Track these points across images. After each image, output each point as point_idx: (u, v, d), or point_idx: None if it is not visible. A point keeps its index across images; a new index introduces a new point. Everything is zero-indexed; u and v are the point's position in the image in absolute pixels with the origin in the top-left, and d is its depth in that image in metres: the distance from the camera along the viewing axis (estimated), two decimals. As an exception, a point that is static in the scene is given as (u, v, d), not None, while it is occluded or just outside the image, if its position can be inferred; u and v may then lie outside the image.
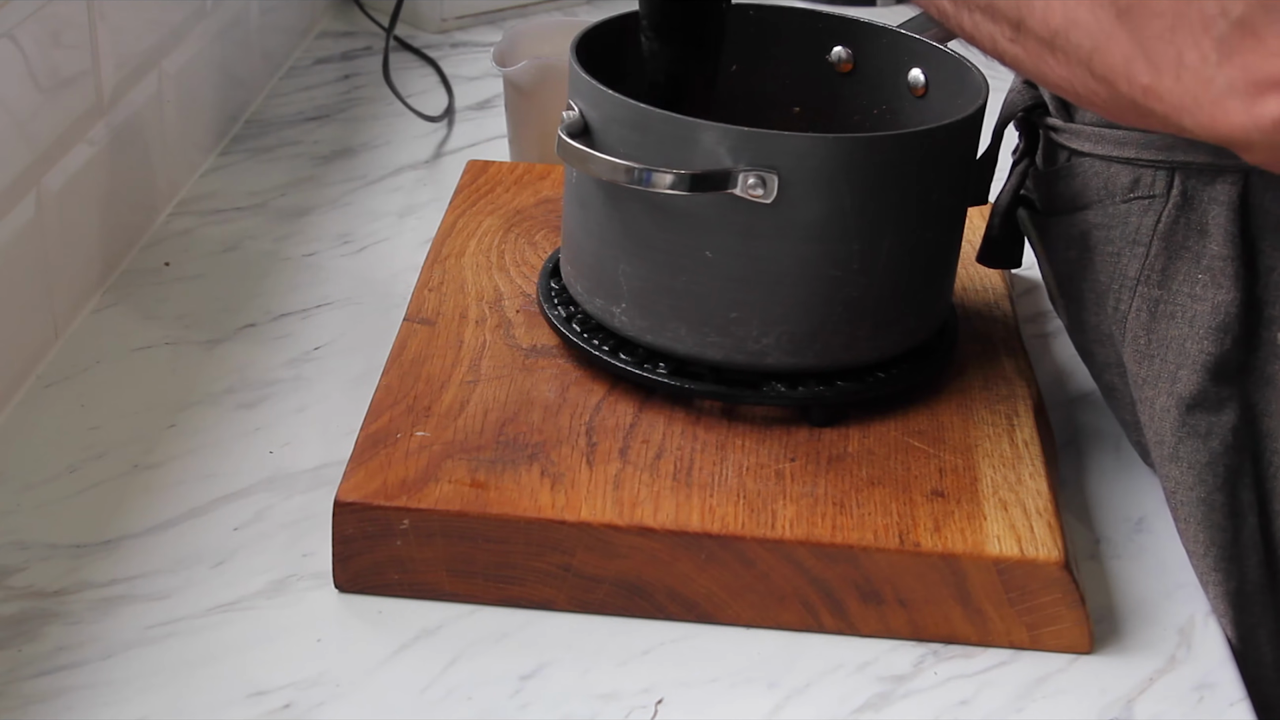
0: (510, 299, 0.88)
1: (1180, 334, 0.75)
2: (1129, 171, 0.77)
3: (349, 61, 1.39)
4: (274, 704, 0.68)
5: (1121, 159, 0.77)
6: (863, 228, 0.76)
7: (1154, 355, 0.77)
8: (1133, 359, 0.78)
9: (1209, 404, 0.75)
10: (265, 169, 1.16)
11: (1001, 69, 0.68)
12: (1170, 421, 0.76)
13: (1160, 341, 0.76)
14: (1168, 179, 0.75)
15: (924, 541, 0.72)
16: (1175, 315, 0.76)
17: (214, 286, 1.00)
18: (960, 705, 0.70)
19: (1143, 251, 0.76)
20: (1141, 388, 0.78)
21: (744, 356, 0.78)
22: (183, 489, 0.81)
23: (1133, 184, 0.77)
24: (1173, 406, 0.76)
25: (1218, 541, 0.76)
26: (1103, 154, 0.78)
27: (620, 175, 0.75)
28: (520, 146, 1.12)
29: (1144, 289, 0.77)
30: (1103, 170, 0.78)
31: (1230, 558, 0.76)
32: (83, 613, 0.72)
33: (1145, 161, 0.76)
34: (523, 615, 0.74)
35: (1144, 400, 0.78)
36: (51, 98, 0.90)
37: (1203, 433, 0.75)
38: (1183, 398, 0.75)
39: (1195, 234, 0.75)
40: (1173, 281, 0.76)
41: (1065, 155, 0.80)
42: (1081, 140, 0.79)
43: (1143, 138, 0.76)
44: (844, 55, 0.90)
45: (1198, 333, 0.75)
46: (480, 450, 0.76)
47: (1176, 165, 0.75)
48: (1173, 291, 0.76)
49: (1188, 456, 0.76)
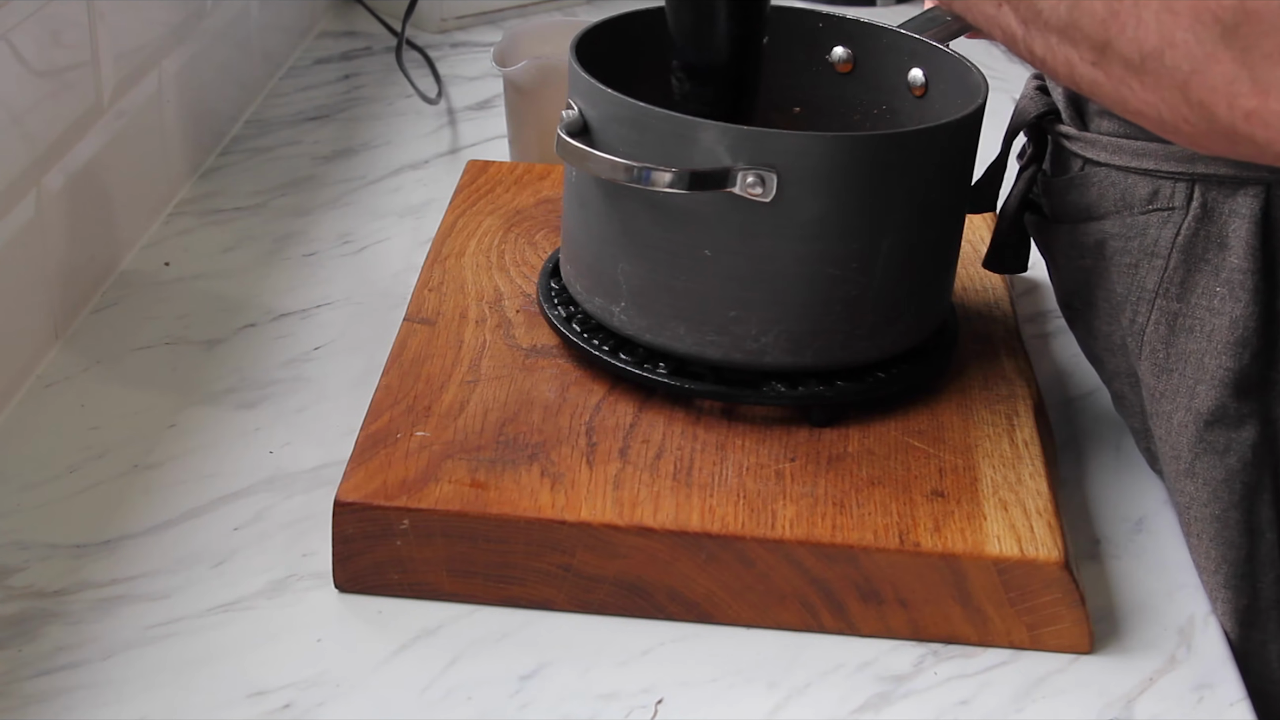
0: (510, 299, 0.88)
1: (1199, 348, 0.75)
2: (1148, 183, 0.76)
3: (349, 61, 1.39)
4: (274, 704, 0.68)
5: (1140, 170, 0.76)
6: (862, 227, 0.76)
7: (1172, 369, 0.76)
8: (1150, 372, 0.77)
9: (1228, 420, 0.74)
10: (265, 169, 1.16)
11: (1002, 71, 0.68)
12: (1188, 437, 0.76)
13: (1179, 355, 0.76)
14: (1187, 191, 0.75)
15: (924, 541, 0.72)
16: (1194, 329, 0.75)
17: (214, 286, 1.00)
18: (960, 705, 0.70)
19: (1161, 264, 0.76)
20: (1159, 401, 0.77)
21: (743, 355, 0.78)
22: (183, 489, 0.81)
23: (1151, 195, 0.76)
24: (1190, 422, 0.75)
25: (1230, 559, 0.75)
26: (1120, 164, 0.77)
27: (619, 174, 0.75)
28: (520, 146, 1.12)
29: (1162, 302, 0.76)
30: (1119, 180, 0.77)
31: (1243, 575, 0.75)
32: (83, 613, 0.72)
33: (1165, 173, 0.75)
34: (523, 615, 0.74)
35: (1160, 414, 0.77)
36: (51, 98, 0.90)
37: (1220, 449, 0.75)
38: (1201, 413, 0.75)
39: (1215, 246, 0.74)
40: (1191, 294, 0.75)
41: (1079, 164, 0.80)
42: (1097, 150, 0.78)
43: (1162, 149, 0.75)
44: (844, 55, 0.90)
45: (1216, 347, 0.74)
46: (480, 450, 0.76)
47: (1197, 177, 0.74)
48: (1191, 305, 0.75)
49: (1204, 472, 0.75)
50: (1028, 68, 1.40)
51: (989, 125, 0.82)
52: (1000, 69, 1.38)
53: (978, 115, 0.79)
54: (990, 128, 0.83)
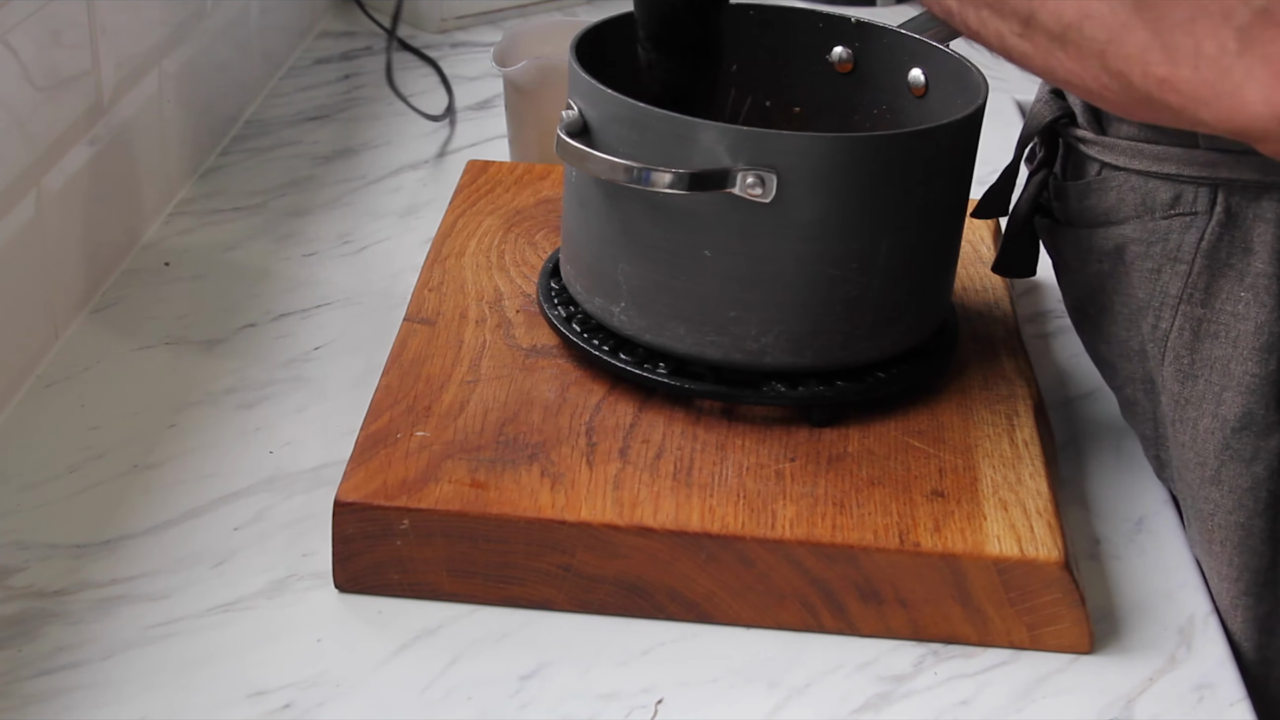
0: (510, 299, 0.88)
1: (1224, 354, 0.75)
2: (1170, 187, 0.76)
3: (349, 61, 1.39)
4: (274, 704, 0.68)
5: (1161, 175, 0.76)
6: (861, 227, 0.76)
7: (1198, 375, 0.76)
8: (1174, 378, 0.77)
9: (1255, 427, 0.74)
10: (265, 169, 1.16)
11: (1002, 71, 0.68)
12: (1214, 444, 0.75)
13: (1204, 361, 0.75)
14: (1210, 196, 0.74)
15: (924, 541, 0.72)
16: (1219, 335, 0.75)
17: (214, 286, 1.00)
18: (960, 705, 0.70)
19: (1185, 269, 0.75)
20: (1183, 408, 0.77)
21: (742, 356, 0.78)
22: (183, 489, 0.81)
23: (1174, 200, 0.75)
24: (1217, 429, 0.75)
25: (1252, 566, 0.75)
26: (1140, 169, 0.77)
27: (619, 174, 0.75)
28: (520, 146, 1.12)
29: (1186, 307, 0.76)
30: (1140, 185, 0.77)
31: (1264, 582, 0.75)
32: (83, 613, 0.72)
33: (1187, 178, 0.75)
34: (523, 615, 0.74)
35: (1185, 420, 0.77)
36: (51, 98, 0.90)
37: (1247, 457, 0.74)
38: (1228, 419, 0.75)
39: (1240, 251, 0.74)
40: (1216, 300, 0.75)
41: (1096, 168, 0.79)
42: (1116, 154, 0.78)
43: (1184, 154, 0.75)
44: (844, 55, 0.90)
45: (1242, 353, 0.74)
46: (480, 450, 0.76)
47: (1220, 182, 0.74)
48: (1216, 310, 0.75)
49: (1229, 480, 0.75)
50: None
51: (989, 126, 0.82)
52: (1000, 69, 1.38)
53: (977, 116, 0.79)
54: (990, 128, 0.83)
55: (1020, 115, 1.29)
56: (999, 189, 0.86)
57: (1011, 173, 0.86)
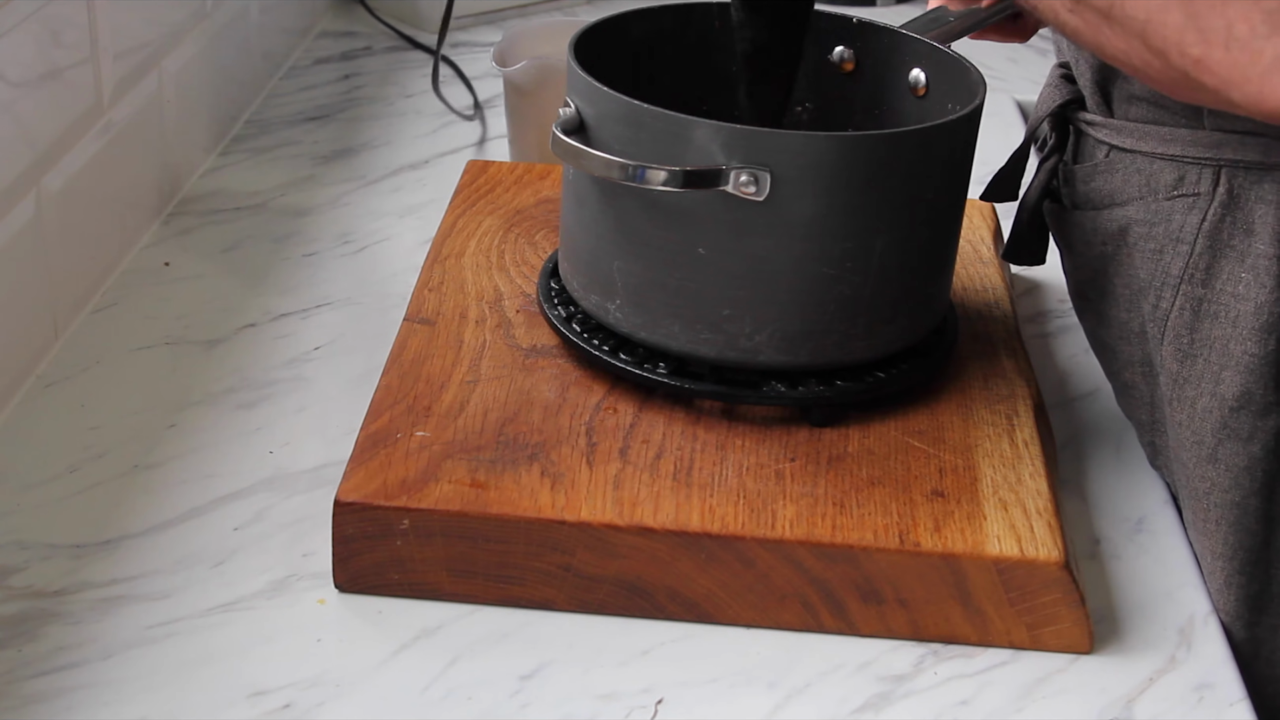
0: (510, 299, 0.88)
1: (1224, 334, 0.75)
2: (1174, 168, 0.76)
3: (349, 61, 1.39)
4: (274, 704, 0.68)
5: (1166, 156, 0.76)
6: (855, 226, 0.76)
7: (1196, 355, 0.76)
8: (1172, 357, 0.77)
9: (1254, 406, 0.74)
10: (265, 169, 1.16)
11: (1002, 71, 0.69)
12: (1212, 423, 0.76)
13: (1203, 341, 0.76)
14: (1214, 177, 0.75)
15: (924, 541, 0.72)
16: (1219, 315, 0.75)
17: (214, 286, 1.00)
18: (960, 705, 0.70)
19: (1186, 249, 0.76)
20: (1181, 387, 0.77)
21: (737, 354, 0.78)
22: (183, 489, 0.81)
23: (1177, 181, 0.76)
24: (1215, 407, 0.75)
25: (1246, 545, 0.75)
26: (1146, 150, 0.77)
27: (614, 172, 0.75)
28: (520, 146, 1.12)
29: (1187, 287, 0.76)
30: (1145, 166, 0.78)
31: (1256, 561, 0.75)
32: (83, 613, 0.72)
33: (1191, 159, 0.75)
34: (523, 615, 0.74)
35: (1184, 399, 0.77)
36: (51, 98, 0.90)
37: (1245, 435, 0.75)
38: (1226, 399, 0.75)
39: (1241, 232, 0.74)
40: (1217, 280, 0.75)
41: (1104, 151, 0.80)
42: (1123, 136, 0.78)
43: (1189, 135, 0.75)
44: (845, 55, 0.90)
45: (1241, 333, 0.74)
46: (480, 450, 0.76)
47: (1223, 163, 0.74)
48: (1216, 290, 0.75)
49: (1226, 459, 0.75)
50: (1040, 63, 1.40)
51: (989, 126, 0.82)
52: (1000, 69, 1.38)
53: (973, 116, 0.79)
54: (990, 128, 0.83)
55: (1020, 115, 1.29)
56: (1008, 173, 0.87)
57: (1021, 156, 0.86)
